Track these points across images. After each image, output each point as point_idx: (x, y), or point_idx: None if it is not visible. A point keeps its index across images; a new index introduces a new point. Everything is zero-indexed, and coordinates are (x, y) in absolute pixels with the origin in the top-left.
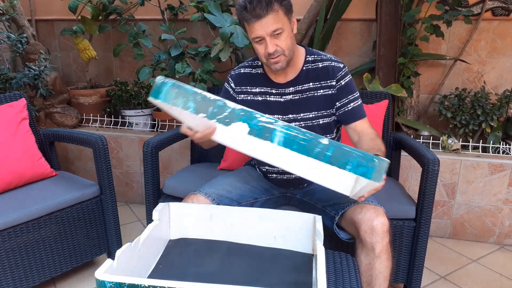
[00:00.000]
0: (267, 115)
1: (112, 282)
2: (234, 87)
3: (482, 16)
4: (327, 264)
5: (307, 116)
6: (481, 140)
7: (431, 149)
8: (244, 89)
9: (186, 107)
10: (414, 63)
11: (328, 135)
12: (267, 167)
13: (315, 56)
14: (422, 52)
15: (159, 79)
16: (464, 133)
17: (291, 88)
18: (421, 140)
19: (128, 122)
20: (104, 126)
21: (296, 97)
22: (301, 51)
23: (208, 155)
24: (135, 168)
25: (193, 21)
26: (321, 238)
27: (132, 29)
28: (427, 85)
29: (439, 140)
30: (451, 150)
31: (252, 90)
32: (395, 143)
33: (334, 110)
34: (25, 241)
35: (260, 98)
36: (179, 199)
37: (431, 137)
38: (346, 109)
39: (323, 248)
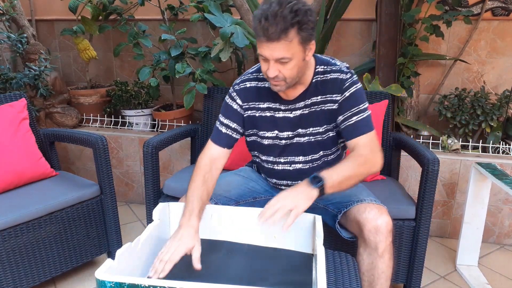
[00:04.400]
0: None
1: (112, 282)
2: (242, 104)
3: (482, 16)
4: (327, 264)
5: (317, 131)
6: (480, 140)
7: (431, 149)
8: (251, 105)
9: None
10: (414, 63)
11: (334, 148)
12: (275, 180)
13: (325, 67)
14: (422, 52)
15: None
16: (464, 133)
17: (301, 103)
18: (421, 140)
19: (128, 122)
20: (104, 126)
21: (306, 111)
22: (311, 61)
23: None
24: (135, 168)
25: (193, 21)
26: (321, 238)
27: (132, 29)
28: (427, 85)
29: (439, 140)
30: (451, 150)
31: (259, 105)
32: (395, 143)
33: (336, 124)
34: (25, 241)
35: (268, 114)
36: (179, 199)
37: (431, 137)
38: (348, 123)
39: (323, 248)
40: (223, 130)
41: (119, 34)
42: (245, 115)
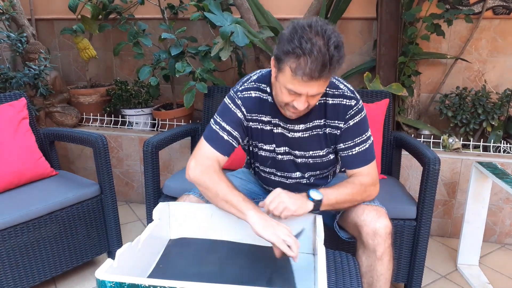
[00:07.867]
0: None
1: (113, 281)
2: (246, 114)
3: (482, 15)
4: (327, 264)
5: (317, 154)
6: (481, 139)
7: (431, 148)
8: (254, 116)
9: None
10: (415, 62)
11: (331, 167)
12: (271, 188)
13: (327, 90)
14: (423, 51)
15: None
16: (465, 132)
17: (301, 126)
18: (422, 139)
19: (128, 121)
20: (104, 125)
21: (306, 135)
22: None
23: None
24: (135, 167)
25: (193, 20)
26: (322, 238)
27: (132, 28)
28: (428, 84)
29: (440, 139)
30: (452, 149)
31: (262, 118)
32: (395, 142)
33: (336, 148)
34: (25, 240)
35: (268, 128)
36: (177, 199)
37: (432, 136)
38: (350, 153)
39: (323, 248)
40: (225, 136)
41: (119, 33)
42: (247, 126)
